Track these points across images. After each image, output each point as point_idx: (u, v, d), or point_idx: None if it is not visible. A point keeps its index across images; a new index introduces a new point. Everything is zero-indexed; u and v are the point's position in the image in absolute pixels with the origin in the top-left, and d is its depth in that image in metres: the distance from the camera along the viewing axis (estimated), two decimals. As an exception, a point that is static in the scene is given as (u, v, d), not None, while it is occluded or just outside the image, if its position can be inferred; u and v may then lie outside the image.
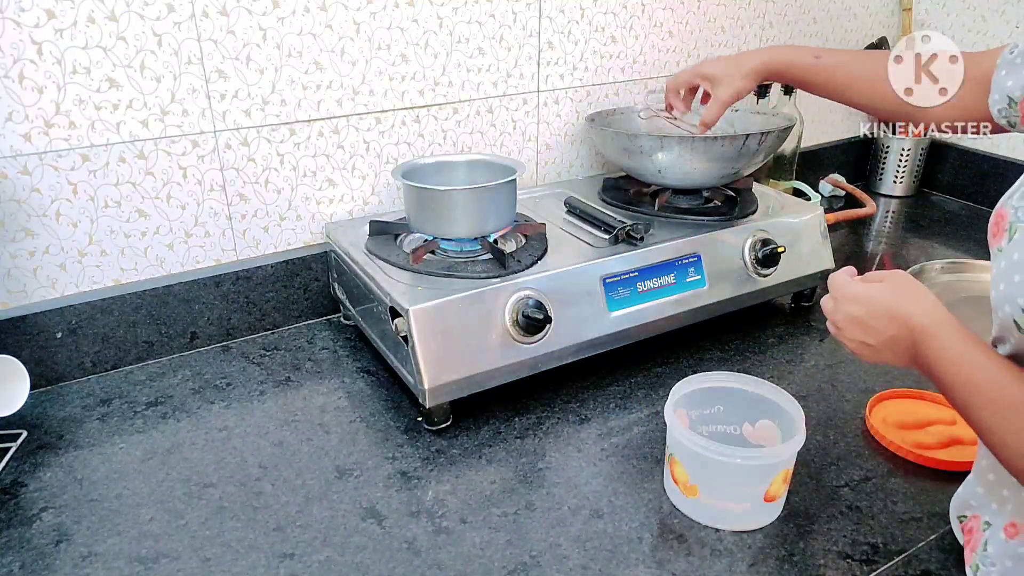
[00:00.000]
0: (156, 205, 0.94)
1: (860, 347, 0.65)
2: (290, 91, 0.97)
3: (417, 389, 0.82)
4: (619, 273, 0.92)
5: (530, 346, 0.86)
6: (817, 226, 1.10)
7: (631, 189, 1.13)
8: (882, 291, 0.64)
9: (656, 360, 0.98)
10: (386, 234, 0.99)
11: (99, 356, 0.95)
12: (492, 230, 0.94)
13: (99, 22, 0.84)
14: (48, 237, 0.89)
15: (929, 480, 0.77)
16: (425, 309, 0.81)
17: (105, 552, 0.68)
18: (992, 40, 1.49)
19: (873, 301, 0.63)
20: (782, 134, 1.03)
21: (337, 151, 1.04)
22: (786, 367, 0.97)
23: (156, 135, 0.91)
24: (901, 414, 0.86)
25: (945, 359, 0.58)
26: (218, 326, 1.02)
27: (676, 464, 0.72)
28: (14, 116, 0.83)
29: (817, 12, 1.45)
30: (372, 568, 0.67)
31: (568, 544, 0.69)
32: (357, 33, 0.99)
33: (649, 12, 1.23)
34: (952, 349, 0.57)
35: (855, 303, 0.65)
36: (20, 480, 0.77)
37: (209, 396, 0.91)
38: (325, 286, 1.08)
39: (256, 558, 0.68)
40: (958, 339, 0.58)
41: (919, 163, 1.57)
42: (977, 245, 1.37)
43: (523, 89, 1.16)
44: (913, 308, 0.61)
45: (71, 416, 0.87)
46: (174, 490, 0.76)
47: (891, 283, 0.64)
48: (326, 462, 0.80)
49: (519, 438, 0.84)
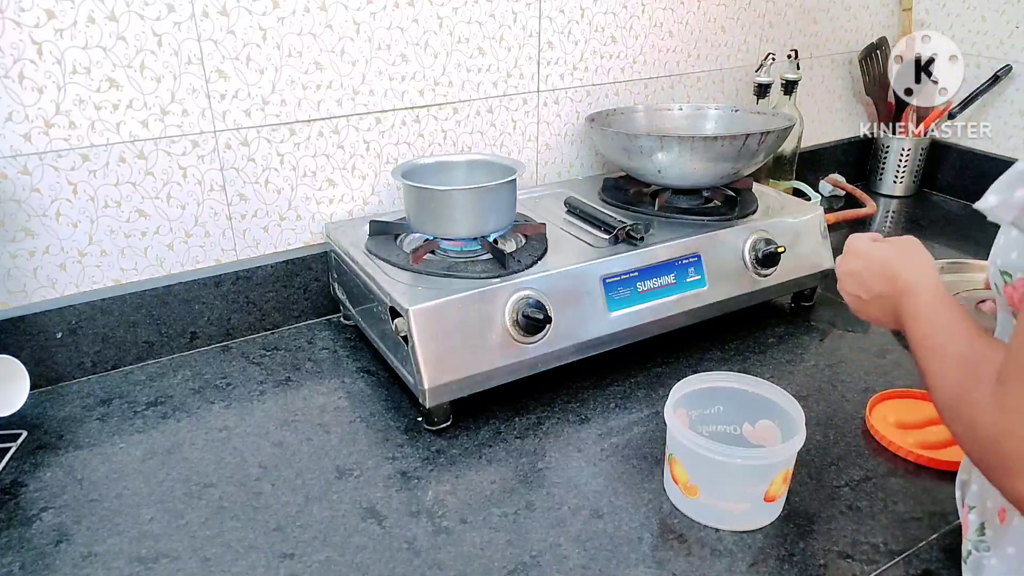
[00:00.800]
0: (156, 205, 0.94)
1: (854, 300, 0.69)
2: (290, 91, 0.97)
3: (417, 389, 0.82)
4: (619, 273, 0.92)
5: (530, 346, 0.86)
6: (817, 226, 1.10)
7: (631, 189, 1.13)
8: (884, 250, 0.67)
9: (656, 360, 0.98)
10: (386, 234, 0.99)
11: (99, 356, 0.95)
12: (492, 230, 0.94)
13: (99, 22, 0.84)
14: (48, 237, 0.89)
15: (929, 480, 0.77)
16: (425, 309, 0.81)
17: (105, 552, 0.68)
18: (992, 40, 1.49)
19: (872, 258, 0.67)
20: (782, 134, 1.03)
21: (337, 151, 1.04)
22: (786, 367, 0.97)
23: (156, 135, 0.91)
24: (901, 414, 0.86)
25: (918, 316, 0.60)
26: (218, 326, 1.02)
27: (676, 464, 0.72)
28: (14, 116, 0.83)
29: (817, 12, 1.45)
30: (372, 568, 0.67)
31: (568, 544, 0.69)
32: (357, 33, 0.99)
33: (649, 12, 1.23)
34: (926, 307, 0.60)
35: (856, 258, 0.69)
36: (20, 480, 0.77)
37: (209, 396, 0.91)
38: (325, 286, 1.08)
39: (256, 558, 0.68)
40: (935, 300, 0.60)
41: (919, 163, 1.57)
42: (977, 245, 1.37)
43: (523, 89, 1.16)
44: (904, 267, 0.63)
45: (71, 416, 0.87)
46: (174, 490, 0.76)
47: (896, 244, 0.67)
48: (326, 462, 0.80)
49: (519, 438, 0.84)
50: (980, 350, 0.53)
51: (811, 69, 1.50)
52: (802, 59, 1.40)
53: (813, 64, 1.50)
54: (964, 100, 1.50)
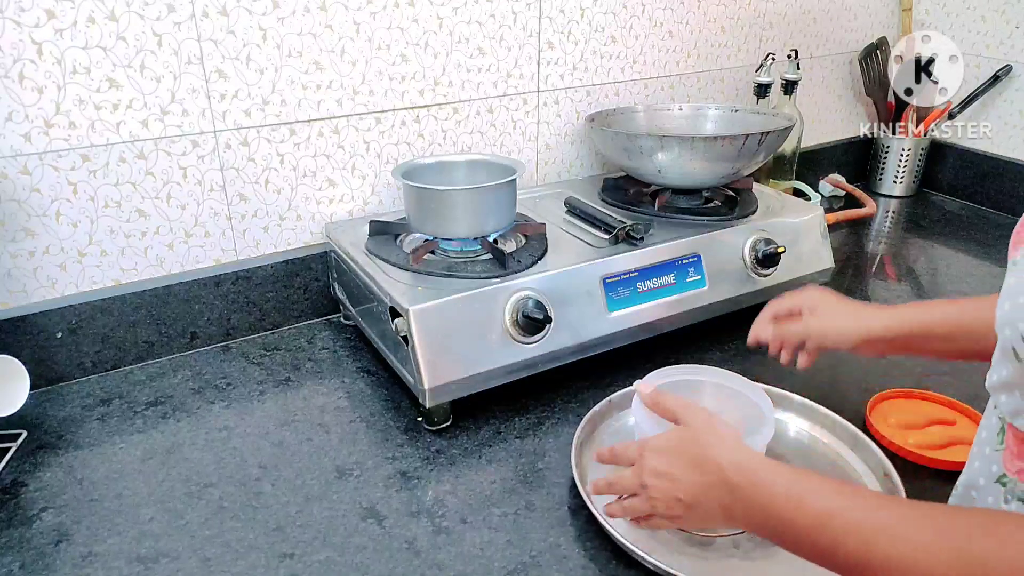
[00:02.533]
0: (156, 205, 0.94)
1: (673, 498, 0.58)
2: (290, 91, 0.97)
3: (417, 389, 0.82)
4: (619, 273, 0.92)
5: (530, 346, 0.86)
6: (817, 226, 1.10)
7: (631, 189, 1.13)
8: (682, 433, 0.59)
9: (656, 360, 0.97)
10: (386, 234, 0.99)
11: (99, 356, 0.95)
12: (492, 230, 0.94)
13: (99, 22, 0.84)
14: (48, 237, 0.89)
15: (929, 480, 0.77)
16: (425, 309, 0.81)
17: (105, 552, 0.68)
18: (992, 40, 1.49)
19: (676, 449, 0.59)
20: (782, 134, 1.03)
21: (337, 151, 1.04)
22: (786, 367, 0.97)
23: (156, 135, 0.91)
24: (901, 414, 0.86)
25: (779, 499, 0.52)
26: (218, 326, 1.02)
27: None
28: (14, 116, 0.83)
29: (817, 12, 1.45)
30: (372, 568, 0.67)
31: (568, 544, 0.69)
32: (357, 33, 0.99)
33: (649, 12, 1.23)
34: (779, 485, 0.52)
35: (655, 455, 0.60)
36: (20, 480, 0.77)
37: (209, 396, 0.91)
38: (325, 286, 1.08)
39: (256, 558, 0.68)
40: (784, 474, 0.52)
41: (919, 163, 1.57)
42: (977, 245, 1.37)
43: (523, 89, 1.16)
44: (719, 452, 0.56)
45: (71, 416, 0.87)
46: (174, 490, 0.76)
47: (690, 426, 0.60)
48: (326, 462, 0.80)
49: (519, 438, 0.84)
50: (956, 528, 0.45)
51: (811, 69, 1.50)
52: (802, 59, 1.40)
53: (813, 64, 1.50)
54: (964, 100, 1.50)
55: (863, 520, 0.47)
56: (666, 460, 0.59)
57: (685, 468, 0.58)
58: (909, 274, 1.29)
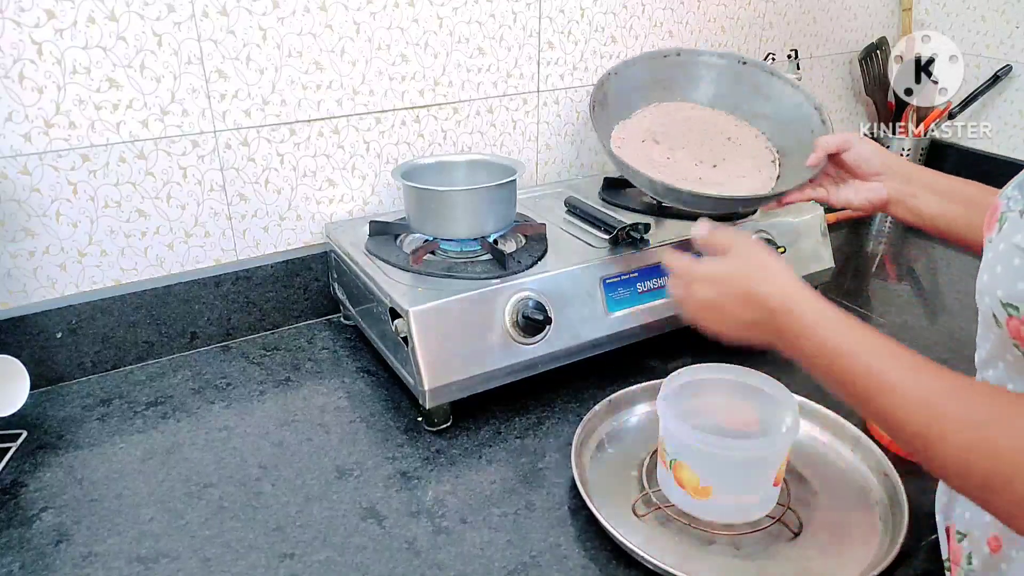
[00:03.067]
0: (156, 205, 0.94)
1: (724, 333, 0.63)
2: (290, 91, 0.97)
3: (417, 390, 0.82)
4: (619, 273, 0.92)
5: (530, 347, 0.86)
6: (817, 226, 1.10)
7: (631, 189, 1.13)
8: (734, 268, 0.61)
9: (656, 361, 0.98)
10: (386, 234, 0.99)
11: (99, 356, 0.95)
12: (492, 230, 0.94)
13: (99, 22, 0.84)
14: (48, 237, 0.89)
15: (929, 480, 0.77)
16: (425, 310, 0.81)
17: (105, 552, 0.68)
18: (992, 40, 1.49)
19: (724, 281, 0.61)
20: (782, 134, 1.03)
21: (337, 151, 1.04)
22: (786, 366, 0.97)
23: (156, 135, 0.91)
24: (901, 414, 0.86)
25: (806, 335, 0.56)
26: (218, 326, 1.02)
27: (683, 468, 0.70)
28: (14, 116, 0.83)
29: (817, 12, 1.45)
30: (372, 568, 0.67)
31: (568, 544, 0.69)
32: (357, 33, 0.99)
33: (649, 12, 1.23)
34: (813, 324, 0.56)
35: (706, 285, 0.62)
36: (20, 480, 0.77)
37: (209, 396, 0.91)
38: (325, 286, 1.08)
39: (256, 558, 0.68)
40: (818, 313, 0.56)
41: (919, 163, 1.57)
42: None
43: (523, 89, 1.16)
44: (765, 284, 0.58)
45: (71, 416, 0.87)
46: (174, 490, 0.76)
47: (740, 257, 0.61)
48: (326, 462, 0.80)
49: (519, 438, 0.84)
50: (940, 383, 0.49)
51: (811, 69, 1.50)
52: (802, 59, 1.40)
53: (813, 64, 1.50)
54: (964, 100, 1.50)
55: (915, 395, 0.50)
56: (716, 291, 0.61)
57: (738, 304, 0.60)
58: (909, 274, 1.29)
